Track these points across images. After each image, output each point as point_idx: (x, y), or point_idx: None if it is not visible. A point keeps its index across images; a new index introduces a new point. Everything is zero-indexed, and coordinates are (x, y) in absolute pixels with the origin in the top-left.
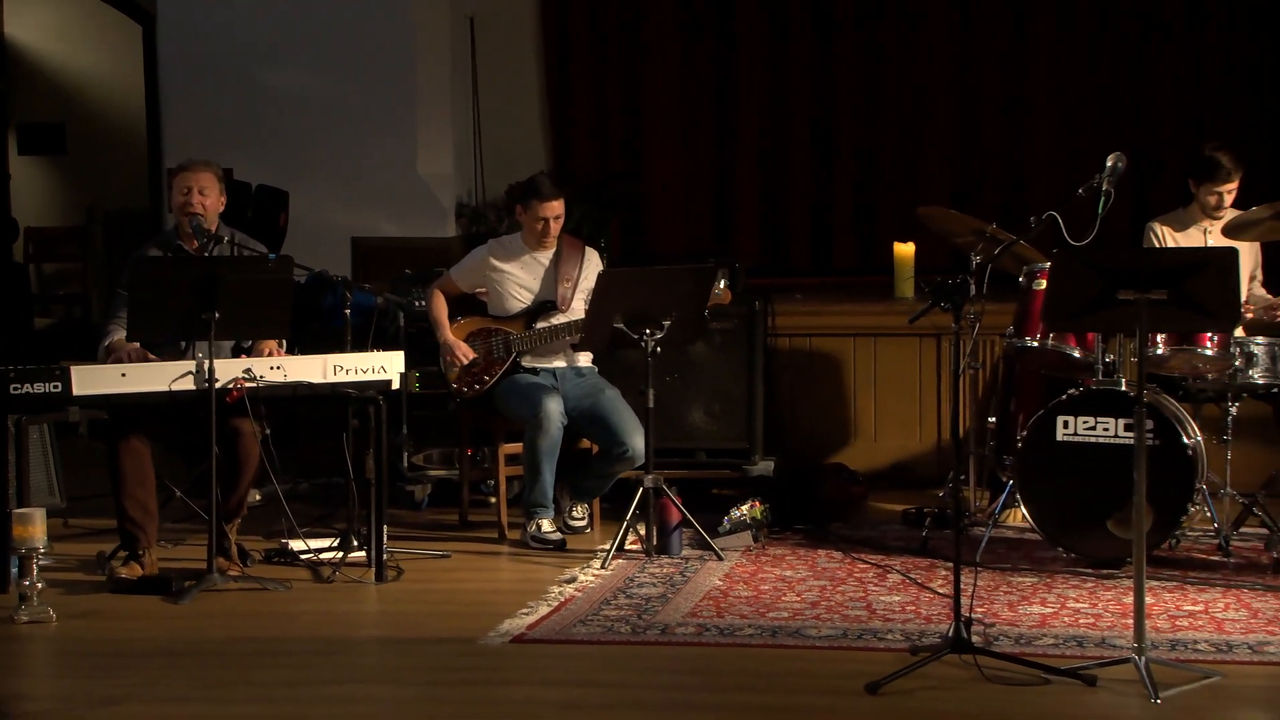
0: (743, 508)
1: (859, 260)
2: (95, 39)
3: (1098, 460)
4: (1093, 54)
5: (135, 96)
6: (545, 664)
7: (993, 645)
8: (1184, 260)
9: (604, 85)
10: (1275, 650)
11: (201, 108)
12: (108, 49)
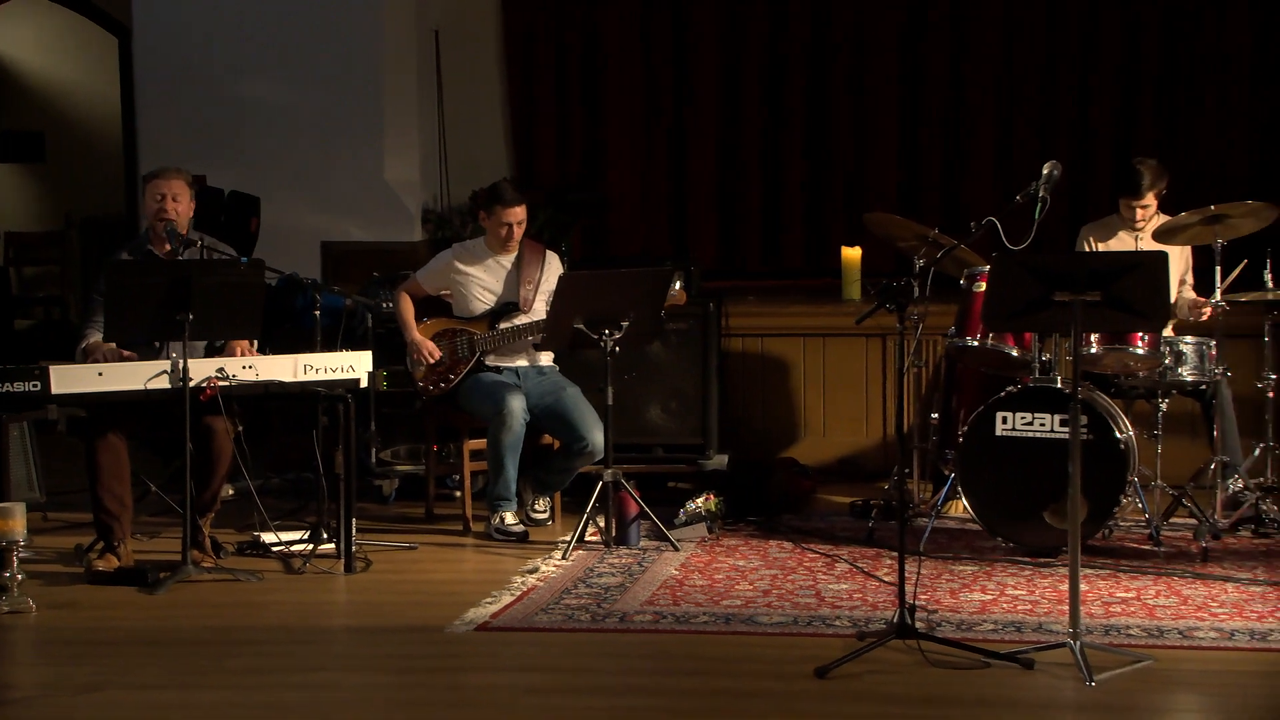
0: (698, 500)
1: (808, 264)
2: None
3: (1035, 454)
4: (1031, 68)
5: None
6: (508, 651)
7: (935, 631)
8: (1116, 263)
9: (565, 96)
10: (1204, 635)
11: (176, 117)
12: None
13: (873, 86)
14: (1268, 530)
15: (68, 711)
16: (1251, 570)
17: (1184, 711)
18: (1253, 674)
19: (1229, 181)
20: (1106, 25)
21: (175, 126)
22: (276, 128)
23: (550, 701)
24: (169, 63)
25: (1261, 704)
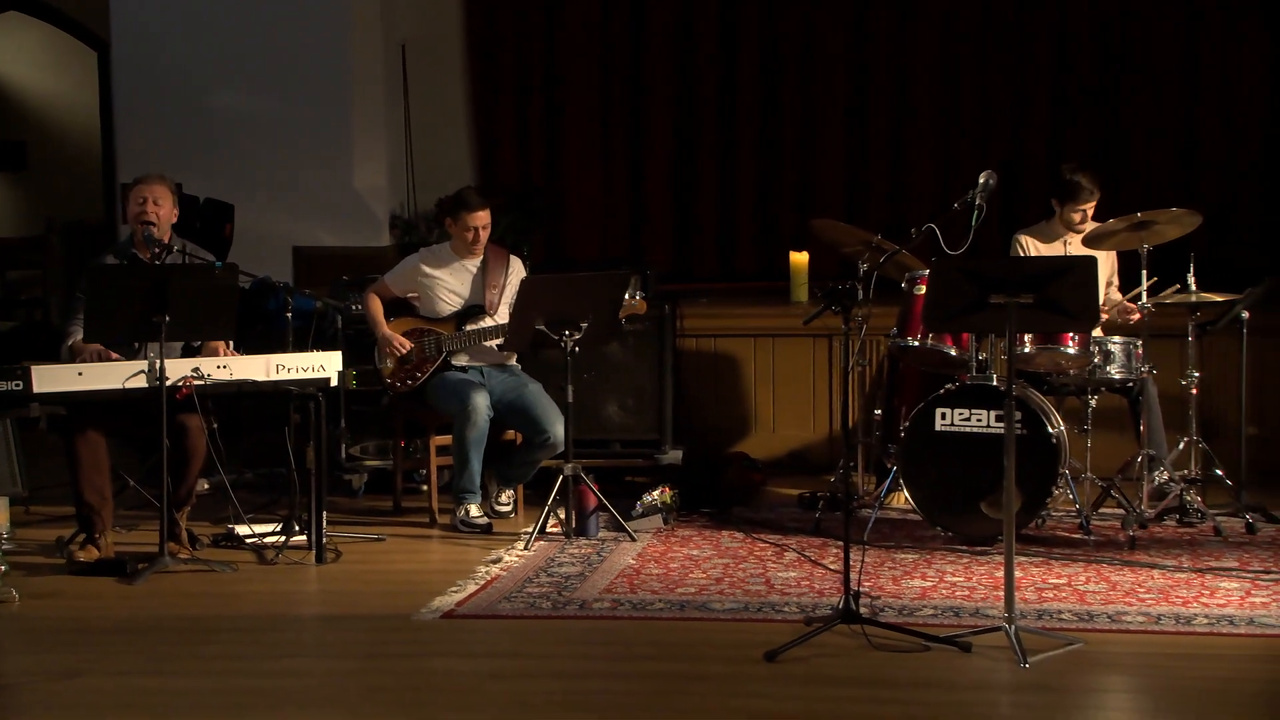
0: (654, 493)
1: (758, 268)
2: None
3: (972, 448)
4: (968, 81)
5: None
6: (473, 637)
7: (878, 616)
8: (1048, 267)
9: (526, 107)
10: (1132, 619)
11: (152, 127)
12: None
13: (819, 100)
14: (1191, 520)
15: (50, 697)
16: (1176, 558)
17: (1112, 692)
18: (1177, 656)
19: (1154, 189)
20: (1039, 39)
21: (152, 136)
22: (249, 137)
23: (513, 685)
24: (146, 75)
25: (1185, 685)
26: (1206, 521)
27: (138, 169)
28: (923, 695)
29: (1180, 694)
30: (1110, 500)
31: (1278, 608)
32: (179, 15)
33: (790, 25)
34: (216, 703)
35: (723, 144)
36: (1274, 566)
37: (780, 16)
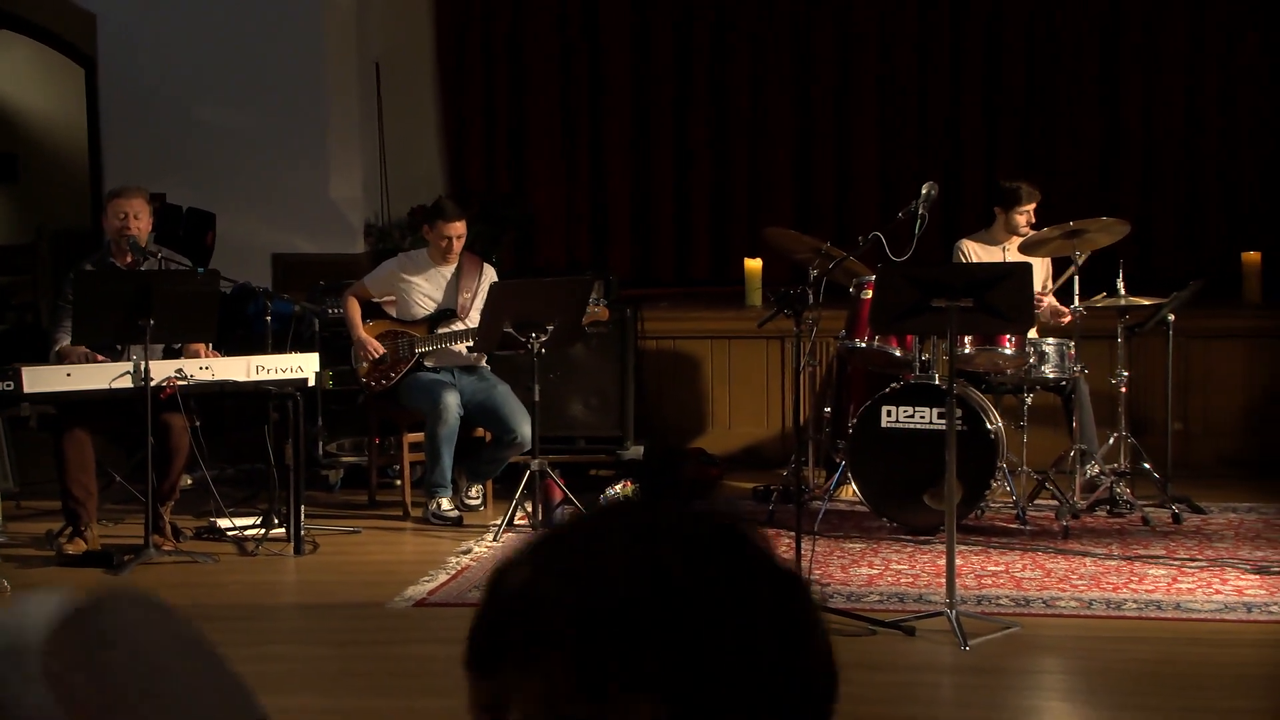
0: (616, 487)
1: (715, 274)
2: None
3: (916, 443)
4: (908, 96)
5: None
6: (444, 625)
7: (828, 602)
8: (987, 273)
9: (494, 120)
10: (1065, 604)
11: (137, 140)
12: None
13: (769, 114)
14: (1121, 510)
15: None
16: (1107, 546)
17: (1047, 673)
18: (1108, 639)
19: (1082, 199)
20: (972, 54)
21: (137, 148)
22: (230, 149)
23: None
24: (131, 90)
25: (1116, 666)
26: (1135, 512)
27: (123, 180)
28: (870, 676)
29: (1111, 675)
30: (1045, 492)
31: (1202, 594)
32: (162, 34)
33: (740, 45)
34: None
35: (679, 156)
36: (1199, 554)
37: (731, 37)
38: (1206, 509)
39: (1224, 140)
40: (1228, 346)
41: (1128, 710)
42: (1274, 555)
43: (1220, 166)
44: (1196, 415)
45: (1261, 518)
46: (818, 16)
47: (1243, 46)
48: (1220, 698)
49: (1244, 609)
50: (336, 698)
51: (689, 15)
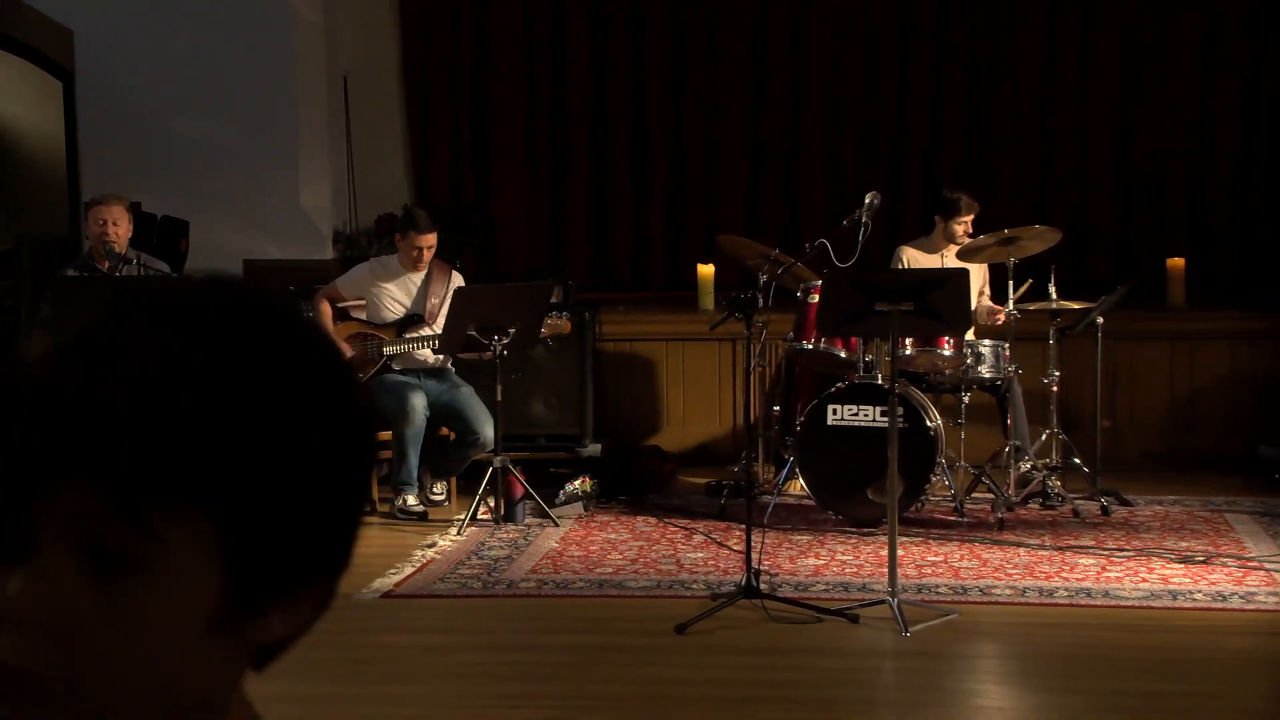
0: (575, 483)
1: (669, 279)
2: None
3: (860, 440)
4: (853, 109)
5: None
6: (411, 615)
7: (777, 591)
8: (926, 278)
9: (458, 132)
10: (1001, 592)
11: (114, 150)
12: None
13: (722, 125)
14: (1053, 503)
15: None
16: (1040, 537)
17: (984, 658)
18: (1041, 625)
19: (1018, 207)
20: (915, 70)
21: (113, 159)
22: (203, 160)
23: (447, 658)
24: (107, 103)
25: (1048, 651)
26: (1066, 505)
27: (100, 189)
28: (816, 662)
29: (1044, 659)
30: (981, 486)
31: (1130, 582)
32: (138, 50)
33: (695, 61)
34: None
35: (636, 167)
36: (1126, 545)
37: (686, 53)
38: (1133, 502)
39: (1151, 152)
40: (1153, 347)
41: (1059, 693)
42: (1197, 545)
43: (1147, 177)
44: (1124, 413)
45: (1185, 510)
46: (770, 32)
47: (1170, 63)
48: (1147, 681)
49: (1169, 596)
50: (307, 685)
51: (645, 32)
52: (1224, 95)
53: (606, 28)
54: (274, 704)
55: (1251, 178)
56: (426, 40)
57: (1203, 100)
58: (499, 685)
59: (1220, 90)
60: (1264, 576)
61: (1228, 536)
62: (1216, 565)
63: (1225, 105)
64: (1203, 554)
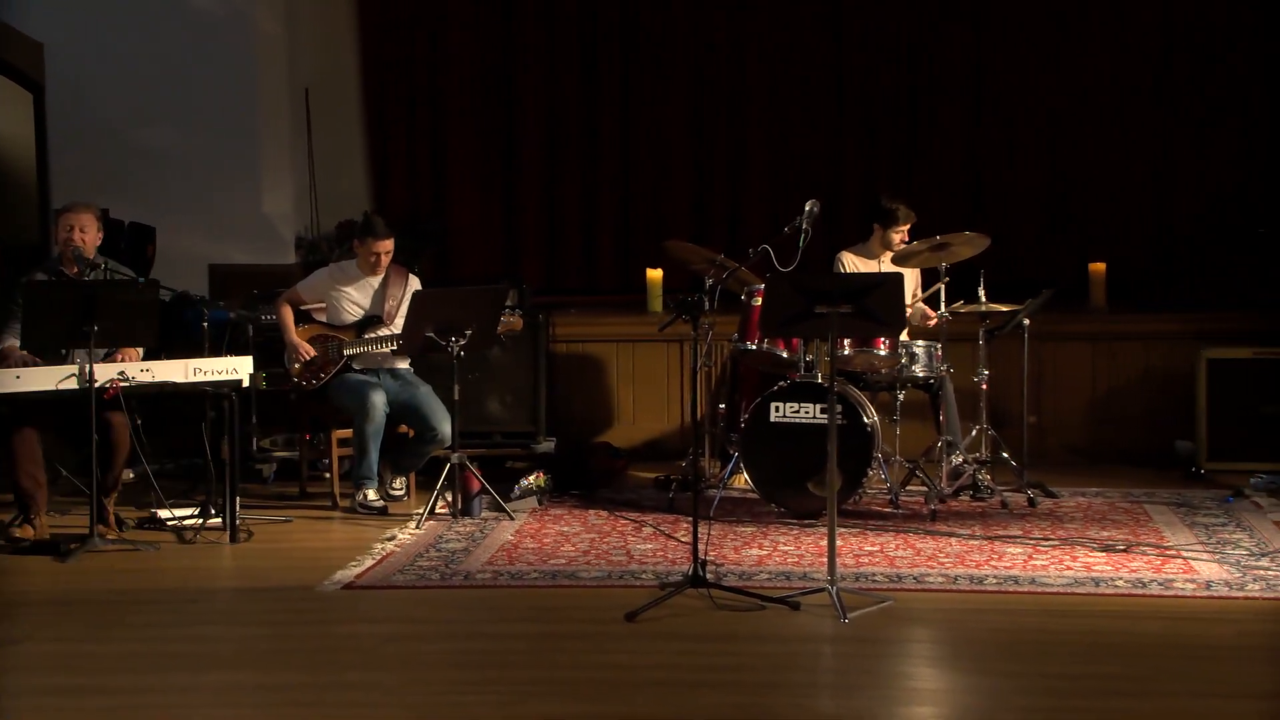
0: (530, 478)
1: (619, 282)
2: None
3: (801, 436)
4: (794, 121)
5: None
6: (371, 605)
7: (722, 580)
8: (863, 282)
9: (414, 143)
10: (933, 580)
11: (83, 159)
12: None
13: (668, 137)
14: (983, 495)
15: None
16: (970, 528)
17: (917, 642)
18: (971, 610)
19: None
20: (851, 83)
21: (82, 168)
22: (169, 169)
23: (406, 647)
24: (76, 114)
25: (979, 635)
26: (995, 497)
27: (69, 197)
28: (760, 647)
29: (974, 643)
30: (915, 479)
31: (1055, 570)
32: (106, 63)
33: (642, 75)
34: (143, 665)
35: (586, 175)
36: (1051, 534)
37: (633, 68)
38: (1058, 493)
39: (1073, 163)
40: (1076, 348)
41: (989, 675)
42: (1118, 535)
43: (1070, 186)
44: (1049, 409)
45: (1106, 501)
46: (713, 50)
47: (1090, 78)
48: (1071, 664)
49: (1092, 583)
50: (270, 673)
51: (596, 47)
52: (1140, 110)
53: (557, 42)
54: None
55: (1167, 186)
56: (384, 54)
57: (1120, 114)
58: (456, 672)
59: (1136, 105)
60: (1181, 564)
61: (1147, 526)
62: (1136, 553)
63: (1141, 119)
64: (1123, 543)
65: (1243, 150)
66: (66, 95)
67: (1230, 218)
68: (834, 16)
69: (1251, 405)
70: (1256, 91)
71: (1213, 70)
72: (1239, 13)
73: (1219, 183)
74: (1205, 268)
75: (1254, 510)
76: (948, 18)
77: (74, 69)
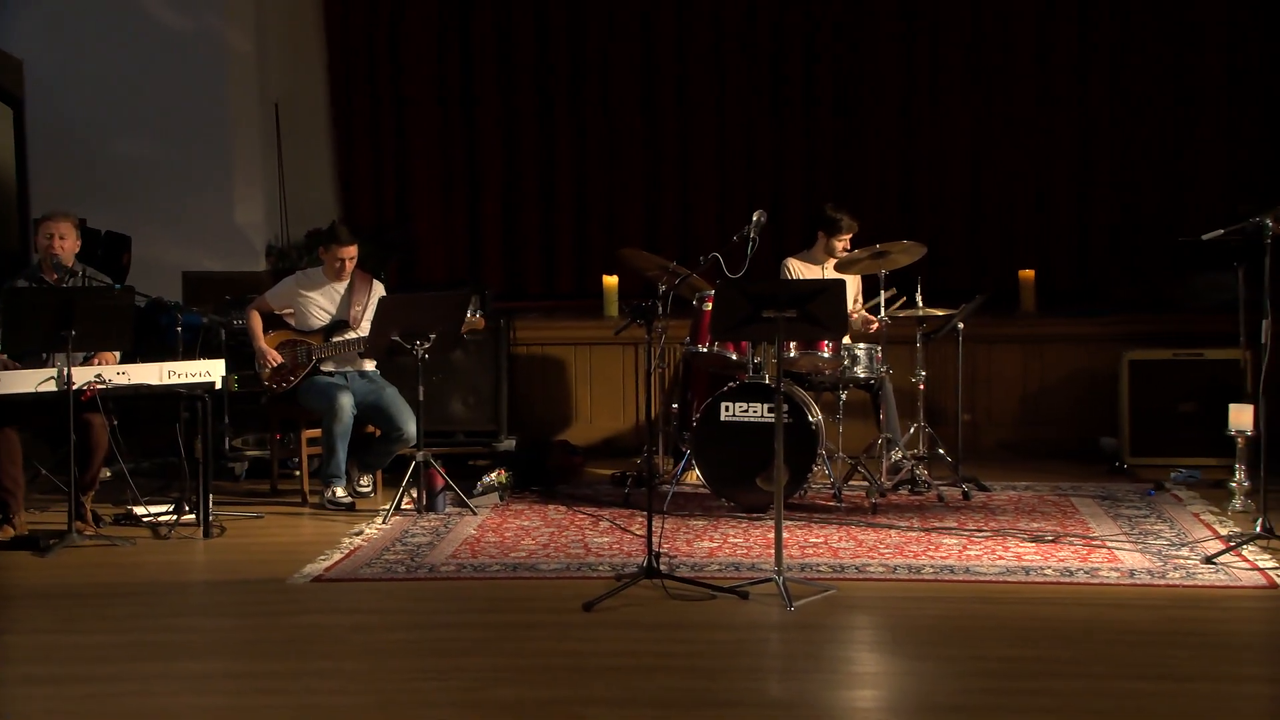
0: (491, 475)
1: (577, 288)
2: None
3: (749, 434)
4: (739, 136)
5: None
6: (339, 597)
7: (675, 571)
8: (807, 288)
9: (380, 155)
10: (874, 570)
11: (61, 170)
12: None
13: (621, 150)
14: (920, 490)
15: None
16: (909, 520)
17: (859, 628)
18: (910, 598)
19: (887, 224)
20: (792, 100)
21: (60, 178)
22: (144, 180)
23: (373, 637)
24: (55, 127)
25: (917, 621)
26: (932, 491)
27: (48, 207)
28: (710, 634)
29: (912, 629)
30: (857, 474)
31: (988, 559)
32: (83, 78)
33: (593, 93)
34: (120, 655)
35: (544, 186)
36: (985, 526)
37: (585, 85)
38: (990, 487)
39: (1002, 174)
40: (1007, 350)
41: (926, 660)
42: (1047, 526)
43: (1000, 197)
44: (982, 408)
45: (1036, 494)
46: (661, 70)
47: (1015, 94)
48: (1004, 648)
49: (1023, 572)
50: (242, 662)
51: (550, 66)
52: (1061, 123)
53: (515, 60)
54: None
55: (1090, 198)
56: (351, 69)
57: (1044, 127)
58: (421, 660)
59: (1058, 118)
60: (1106, 554)
61: (1074, 518)
62: (1064, 544)
63: (1062, 132)
64: (1052, 534)
65: (1158, 161)
66: (45, 109)
67: (1148, 227)
68: (776, 39)
69: (1171, 404)
70: (1167, 105)
71: (1127, 84)
72: (1150, 28)
73: (1136, 193)
74: (1127, 274)
75: (1174, 503)
76: (880, 37)
77: (53, 84)
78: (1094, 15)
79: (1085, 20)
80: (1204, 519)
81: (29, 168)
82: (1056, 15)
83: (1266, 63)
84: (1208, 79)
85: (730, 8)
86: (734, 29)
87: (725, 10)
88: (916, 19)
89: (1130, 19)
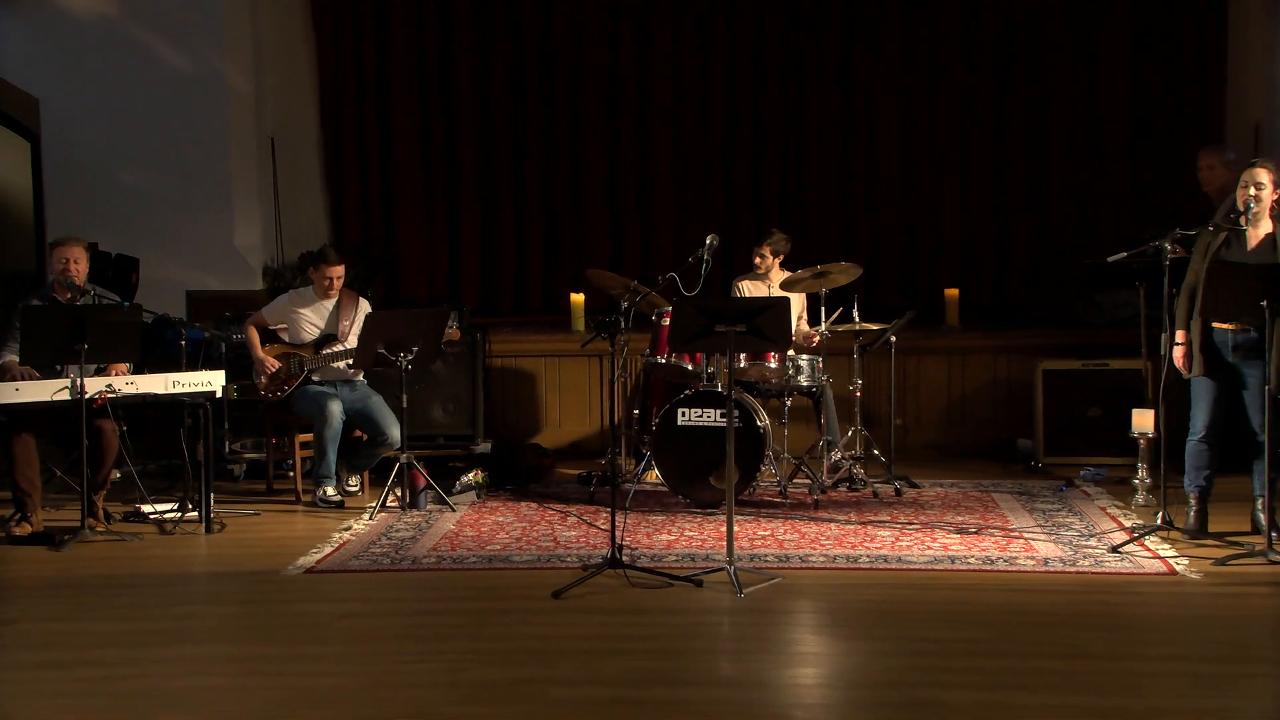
0: (469, 475)
1: (547, 305)
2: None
3: (703, 437)
4: (698, 164)
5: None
6: (330, 587)
7: (636, 562)
8: (755, 305)
9: (367, 183)
10: (816, 559)
11: (74, 199)
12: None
13: (586, 176)
14: (857, 487)
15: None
16: (847, 514)
17: (803, 613)
18: (848, 585)
19: (827, 247)
20: (740, 131)
21: (73, 206)
22: (150, 207)
23: (360, 623)
24: (68, 159)
25: (854, 606)
26: (868, 488)
27: (62, 232)
28: (668, 619)
29: (851, 613)
30: (800, 473)
31: (918, 549)
32: (94, 114)
33: (561, 129)
34: (128, 640)
35: (517, 212)
36: (915, 519)
37: (555, 125)
38: (920, 484)
39: (930, 203)
40: (934, 360)
41: (864, 640)
42: (971, 519)
43: (928, 223)
44: (912, 412)
45: (960, 491)
46: (620, 106)
47: (941, 131)
48: (932, 629)
49: (949, 560)
50: (240, 646)
51: (523, 102)
52: (983, 158)
53: (491, 91)
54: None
55: (1008, 224)
56: (340, 105)
57: (968, 161)
58: (405, 644)
59: (980, 154)
60: (1023, 544)
61: (994, 512)
62: (986, 535)
63: (984, 165)
64: (975, 526)
65: (1070, 189)
66: (60, 143)
67: (1060, 250)
68: (728, 81)
69: (1080, 409)
70: (1076, 138)
71: (1039, 120)
72: (1059, 70)
73: (1049, 219)
74: (1041, 292)
75: (1084, 498)
76: (824, 86)
77: (66, 121)
78: (1009, 57)
79: (1000, 61)
80: (1110, 512)
81: (45, 197)
82: (978, 59)
83: (1166, 96)
84: (1113, 113)
85: (686, 56)
86: (691, 69)
87: (682, 56)
88: (852, 71)
89: (1043, 60)
